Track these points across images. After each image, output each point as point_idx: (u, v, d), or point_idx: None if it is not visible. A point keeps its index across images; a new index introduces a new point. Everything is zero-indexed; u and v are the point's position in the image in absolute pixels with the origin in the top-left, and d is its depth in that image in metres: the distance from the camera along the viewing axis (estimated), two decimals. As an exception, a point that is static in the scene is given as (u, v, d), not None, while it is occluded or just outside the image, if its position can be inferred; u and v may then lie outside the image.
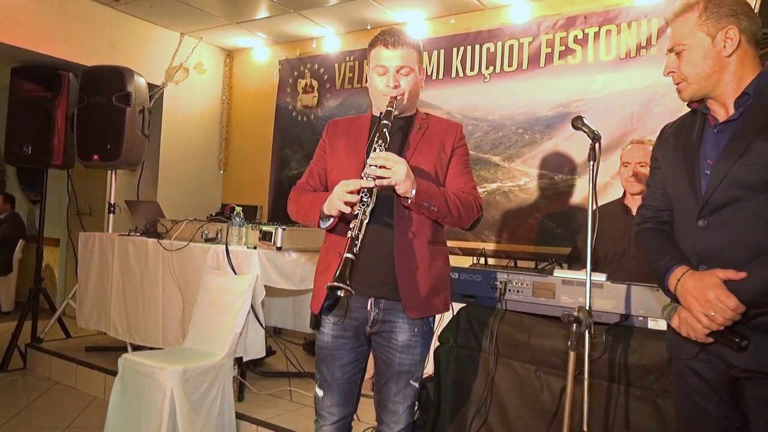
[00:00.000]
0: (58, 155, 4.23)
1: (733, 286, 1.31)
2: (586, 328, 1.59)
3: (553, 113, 3.79)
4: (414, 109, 1.91)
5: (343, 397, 1.86)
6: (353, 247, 1.54)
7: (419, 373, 1.84)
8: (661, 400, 1.86)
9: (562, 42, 3.77)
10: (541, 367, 2.10)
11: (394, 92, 1.76)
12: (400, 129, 1.84)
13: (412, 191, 1.64)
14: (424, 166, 1.79)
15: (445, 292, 1.87)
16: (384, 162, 1.61)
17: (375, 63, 1.80)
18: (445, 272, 1.86)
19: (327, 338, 1.84)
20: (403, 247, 1.75)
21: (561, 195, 3.72)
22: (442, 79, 4.26)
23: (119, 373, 2.65)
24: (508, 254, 3.85)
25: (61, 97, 4.26)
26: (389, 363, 1.81)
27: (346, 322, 1.81)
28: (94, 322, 3.92)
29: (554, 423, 2.02)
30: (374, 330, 1.80)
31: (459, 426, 2.23)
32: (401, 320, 1.78)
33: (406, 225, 1.76)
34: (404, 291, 1.74)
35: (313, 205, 1.77)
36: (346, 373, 1.85)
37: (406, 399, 1.83)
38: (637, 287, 1.98)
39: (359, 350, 1.85)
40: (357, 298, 1.77)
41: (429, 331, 1.85)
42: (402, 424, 1.85)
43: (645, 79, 3.42)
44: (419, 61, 1.83)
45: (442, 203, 1.71)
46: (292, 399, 3.12)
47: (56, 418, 3.22)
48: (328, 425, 1.87)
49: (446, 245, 1.90)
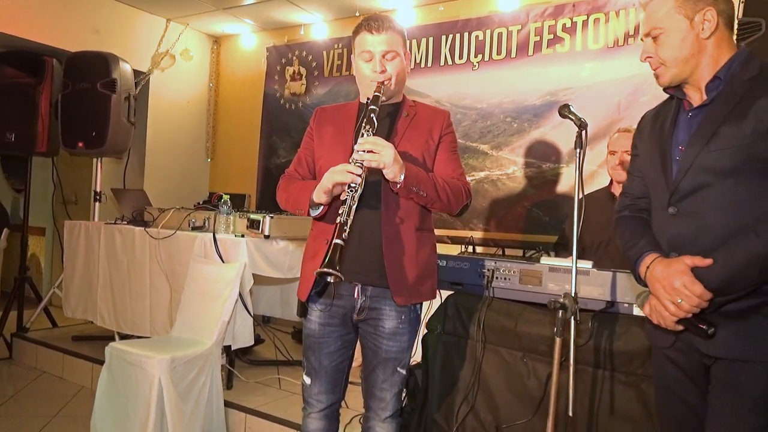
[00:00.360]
0: (42, 142, 4.17)
1: (700, 273, 1.31)
2: (571, 314, 1.61)
3: (541, 102, 3.80)
4: (401, 96, 1.90)
5: (331, 385, 1.87)
6: (342, 232, 1.54)
7: (406, 361, 1.85)
8: (645, 385, 1.88)
9: (551, 30, 3.77)
10: (528, 354, 2.12)
11: (381, 77, 1.76)
12: (387, 115, 1.84)
13: (400, 176, 1.64)
14: (412, 153, 1.79)
15: (432, 280, 1.87)
16: (372, 146, 1.61)
17: (360, 49, 1.79)
18: (432, 259, 1.87)
19: (314, 326, 1.84)
20: (390, 233, 1.75)
21: (548, 183, 3.74)
22: (430, 67, 4.25)
23: (106, 362, 2.64)
24: (496, 242, 3.87)
25: (45, 83, 4.19)
26: (376, 350, 1.82)
27: (333, 309, 1.82)
28: (80, 311, 3.89)
29: (540, 408, 2.04)
30: (361, 317, 1.81)
31: (446, 412, 2.25)
32: (388, 307, 1.78)
33: (394, 211, 1.76)
34: (392, 277, 1.74)
35: (302, 193, 1.77)
36: (333, 361, 1.85)
37: (393, 386, 1.84)
38: (622, 274, 2.01)
39: (346, 338, 1.86)
40: (344, 286, 1.77)
41: (416, 318, 1.86)
42: (389, 410, 1.86)
43: (632, 68, 3.44)
44: (404, 46, 1.82)
45: (431, 188, 1.71)
46: (280, 387, 3.13)
47: (43, 407, 3.21)
48: (315, 412, 1.88)
49: (433, 233, 1.91)
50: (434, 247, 1.90)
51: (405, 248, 1.76)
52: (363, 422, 1.93)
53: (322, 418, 1.89)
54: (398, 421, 1.90)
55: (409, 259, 1.77)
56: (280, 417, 2.70)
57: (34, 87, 4.18)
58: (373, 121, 1.68)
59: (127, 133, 4.16)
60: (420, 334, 2.03)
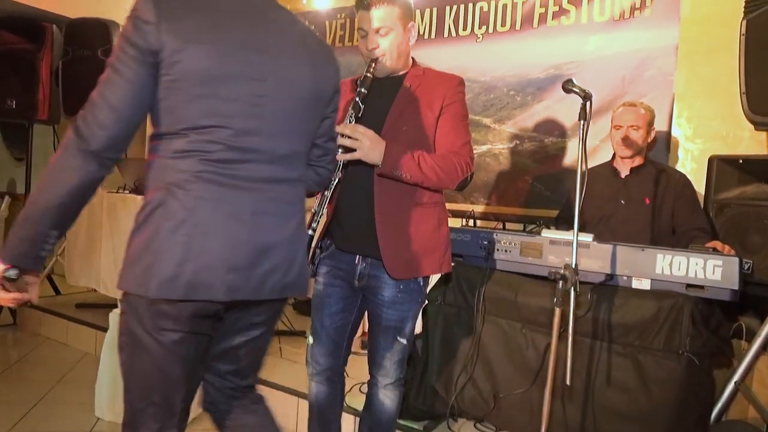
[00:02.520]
0: (43, 110, 4.15)
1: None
2: (571, 285, 1.63)
3: (545, 75, 3.76)
4: (407, 67, 1.88)
5: (331, 346, 1.91)
6: (312, 221, 1.62)
7: (407, 330, 1.86)
8: (642, 356, 1.92)
9: (556, 2, 3.71)
10: (527, 325, 2.15)
11: (374, 54, 1.75)
12: (386, 90, 1.82)
13: (380, 161, 1.66)
14: (408, 128, 1.77)
15: (438, 253, 1.84)
16: (350, 133, 1.64)
17: (358, 26, 1.79)
18: (437, 234, 1.84)
19: (320, 285, 1.91)
20: (383, 210, 1.75)
21: (551, 158, 3.73)
22: (434, 39, 4.20)
23: (110, 328, 2.67)
24: (497, 216, 3.88)
25: (45, 49, 4.14)
26: (378, 318, 1.85)
27: (336, 272, 1.87)
28: (83, 279, 3.91)
29: (538, 379, 2.08)
30: (362, 283, 1.84)
31: (446, 381, 2.29)
32: (386, 276, 1.80)
33: (387, 189, 1.75)
34: (386, 255, 1.75)
35: None
36: (334, 322, 1.90)
37: (394, 354, 1.86)
38: (622, 247, 2.03)
39: (348, 300, 1.90)
40: (345, 254, 1.84)
41: (417, 288, 1.84)
42: (390, 378, 1.89)
43: (638, 42, 3.40)
44: (403, 18, 1.79)
45: (414, 168, 1.70)
46: (281, 356, 3.18)
47: (48, 373, 3.26)
48: (317, 374, 1.94)
49: (442, 205, 1.88)
50: (441, 220, 1.87)
51: (401, 225, 1.77)
52: (367, 389, 1.97)
53: (324, 382, 1.93)
54: (400, 389, 1.93)
55: (405, 235, 1.77)
56: (281, 384, 2.75)
57: (33, 53, 4.14)
58: (358, 106, 1.69)
59: (128, 101, 4.13)
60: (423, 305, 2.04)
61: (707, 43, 3.22)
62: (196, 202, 1.22)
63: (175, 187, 1.22)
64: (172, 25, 1.20)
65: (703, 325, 1.89)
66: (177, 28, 1.21)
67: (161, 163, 1.26)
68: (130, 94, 1.22)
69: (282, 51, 1.34)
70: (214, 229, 1.24)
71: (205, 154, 1.23)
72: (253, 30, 1.31)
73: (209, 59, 1.22)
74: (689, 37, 3.27)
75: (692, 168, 3.24)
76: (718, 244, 2.29)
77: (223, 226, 1.25)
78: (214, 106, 1.24)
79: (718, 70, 3.16)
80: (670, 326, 1.88)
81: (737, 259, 1.88)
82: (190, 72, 1.21)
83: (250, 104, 1.27)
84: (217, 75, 1.23)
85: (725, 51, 3.04)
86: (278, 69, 1.32)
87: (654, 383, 1.90)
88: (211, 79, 1.23)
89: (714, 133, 3.21)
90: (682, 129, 3.32)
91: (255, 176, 1.29)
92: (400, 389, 1.94)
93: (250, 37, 1.29)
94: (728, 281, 1.87)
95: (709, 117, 3.23)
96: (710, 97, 3.22)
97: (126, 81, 1.21)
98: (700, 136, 3.27)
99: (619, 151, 2.64)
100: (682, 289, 1.93)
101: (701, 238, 2.41)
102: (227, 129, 1.25)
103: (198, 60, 1.21)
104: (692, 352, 1.85)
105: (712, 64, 3.19)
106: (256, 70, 1.28)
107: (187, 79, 1.22)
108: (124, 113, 1.22)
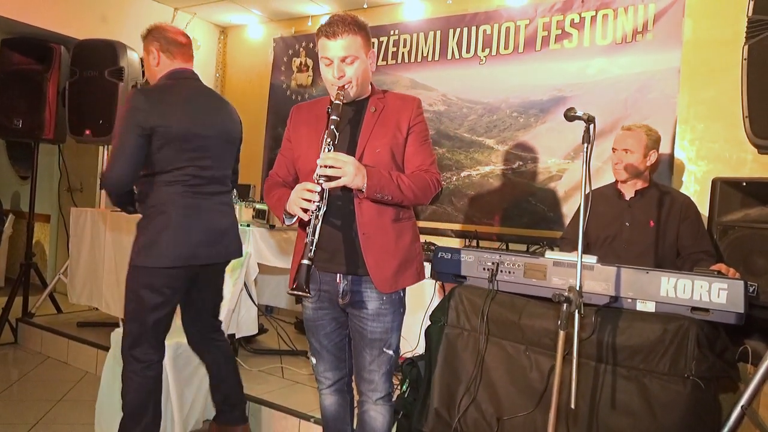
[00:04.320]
0: (49, 129, 4.18)
1: None
2: (576, 307, 1.62)
3: (548, 97, 3.79)
4: (368, 91, 1.93)
5: (334, 362, 2.00)
6: (308, 252, 1.67)
7: (392, 341, 1.91)
8: (647, 379, 1.90)
9: (559, 25, 3.76)
10: (530, 347, 2.13)
11: (341, 82, 1.80)
12: (355, 114, 1.89)
13: (363, 185, 1.71)
14: (381, 149, 1.84)
15: (416, 264, 1.94)
16: (333, 162, 1.68)
17: (321, 54, 1.84)
18: (414, 247, 1.93)
19: (309, 311, 1.97)
20: (367, 230, 1.82)
21: (553, 179, 3.74)
22: (438, 61, 4.25)
23: (111, 348, 2.66)
24: (500, 237, 3.88)
25: (53, 70, 4.20)
26: (362, 332, 1.88)
27: (322, 294, 1.91)
28: (85, 297, 3.91)
29: (542, 401, 2.06)
30: (346, 301, 1.88)
31: (449, 403, 2.27)
32: (369, 290, 1.85)
33: (368, 209, 1.82)
34: (373, 272, 1.82)
35: (278, 203, 1.88)
36: (332, 340, 1.97)
37: (381, 366, 1.89)
38: (626, 269, 2.02)
39: (340, 319, 1.96)
40: (327, 273, 1.88)
41: (398, 299, 1.91)
42: (380, 392, 1.91)
43: (640, 65, 3.43)
44: (365, 46, 1.84)
45: (395, 190, 1.77)
46: (283, 376, 3.15)
47: (48, 392, 3.24)
48: (325, 388, 2.02)
49: (413, 220, 1.97)
50: (415, 234, 1.96)
51: (383, 242, 1.84)
52: (358, 408, 1.99)
53: (334, 393, 2.02)
54: (391, 404, 1.95)
55: (388, 252, 1.84)
56: (282, 405, 2.73)
57: (41, 74, 4.19)
58: (333, 134, 1.74)
59: (133, 121, 4.17)
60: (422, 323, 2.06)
61: (709, 66, 3.24)
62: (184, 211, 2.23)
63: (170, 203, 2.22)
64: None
65: (708, 348, 1.87)
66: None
67: (156, 188, 2.23)
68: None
69: (217, 115, 2.36)
70: (195, 224, 2.23)
71: (184, 182, 2.22)
72: (203, 106, 2.33)
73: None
74: (691, 60, 3.30)
75: (695, 190, 3.24)
76: (723, 266, 2.28)
77: (199, 222, 2.24)
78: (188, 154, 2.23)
79: (720, 93, 3.18)
80: (676, 349, 1.86)
81: (743, 282, 1.87)
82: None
83: (206, 150, 2.27)
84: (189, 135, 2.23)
85: (727, 74, 3.07)
86: (217, 126, 2.34)
87: (659, 407, 1.87)
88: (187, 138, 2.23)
89: (717, 155, 3.22)
90: (685, 151, 3.32)
91: (211, 191, 2.30)
92: (391, 405, 1.96)
93: (203, 111, 2.31)
94: (734, 304, 1.86)
95: (712, 139, 3.24)
96: (713, 119, 3.24)
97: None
98: (703, 159, 3.27)
99: (614, 174, 2.65)
100: (687, 312, 1.92)
101: (706, 261, 2.41)
102: (195, 167, 2.24)
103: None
104: (698, 376, 1.83)
105: (714, 87, 3.21)
106: (208, 129, 2.29)
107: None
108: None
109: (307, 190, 1.69)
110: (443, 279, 2.48)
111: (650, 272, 1.99)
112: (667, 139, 3.30)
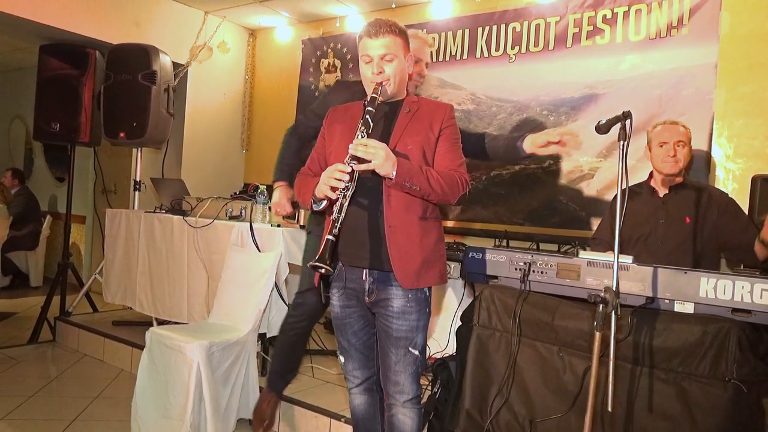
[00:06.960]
0: (85, 132, 4.29)
1: None
2: (612, 308, 1.59)
3: (580, 95, 3.73)
4: (403, 94, 1.98)
5: (362, 361, 2.01)
6: (333, 228, 1.71)
7: (418, 341, 1.90)
8: (687, 383, 1.85)
9: (590, 22, 3.70)
10: (564, 348, 2.10)
11: (379, 78, 1.86)
12: (389, 113, 1.94)
13: (392, 172, 1.73)
14: (412, 146, 1.87)
15: (440, 266, 1.94)
16: (365, 147, 1.71)
17: (361, 53, 1.91)
18: (439, 247, 1.94)
19: (336, 309, 1.99)
20: (393, 222, 1.83)
21: (585, 178, 3.68)
22: (466, 59, 4.22)
23: (147, 346, 2.71)
24: (531, 236, 3.83)
25: (88, 74, 4.30)
26: (388, 330, 1.89)
27: (348, 291, 1.93)
28: (120, 297, 4.00)
29: (576, 404, 2.02)
30: (372, 299, 1.89)
31: (480, 404, 2.25)
32: (395, 287, 1.86)
33: (396, 202, 1.84)
34: (396, 265, 1.83)
35: (306, 189, 1.91)
36: (360, 339, 1.99)
37: (407, 367, 1.89)
38: (663, 270, 1.97)
39: (367, 317, 1.97)
40: (353, 269, 1.90)
41: (424, 298, 1.91)
42: (407, 394, 1.90)
43: (675, 60, 3.35)
44: (404, 48, 1.91)
45: (424, 182, 1.79)
46: (313, 375, 3.17)
47: (85, 389, 3.32)
48: (355, 387, 2.04)
49: (439, 221, 1.98)
50: (440, 235, 1.97)
51: (409, 237, 1.85)
52: (387, 411, 1.98)
53: (363, 392, 2.04)
54: (420, 407, 1.94)
55: (413, 247, 1.85)
56: (313, 404, 2.74)
57: (77, 78, 4.30)
58: (368, 123, 1.79)
59: (166, 123, 4.25)
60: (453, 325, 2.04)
61: (747, 61, 3.15)
62: None
63: None
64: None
65: (750, 351, 1.81)
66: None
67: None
68: None
69: None
70: None
71: None
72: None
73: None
74: (729, 55, 3.21)
75: (734, 188, 3.15)
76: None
77: None
78: None
79: (759, 88, 3.09)
80: (716, 352, 1.81)
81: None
82: None
83: None
84: None
85: (766, 69, 2.98)
86: None
87: (699, 411, 1.82)
88: None
89: (756, 152, 3.13)
90: (723, 148, 3.24)
91: None
92: (420, 407, 1.94)
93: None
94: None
95: (751, 136, 3.15)
96: (751, 115, 3.15)
97: None
98: (742, 156, 3.18)
99: (665, 168, 2.54)
100: (727, 314, 1.87)
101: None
102: None
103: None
104: (739, 379, 1.78)
105: (752, 82, 3.12)
106: None
107: None
108: None
109: (338, 170, 1.72)
110: (474, 279, 2.46)
111: (689, 272, 1.94)
112: (704, 137, 3.22)
